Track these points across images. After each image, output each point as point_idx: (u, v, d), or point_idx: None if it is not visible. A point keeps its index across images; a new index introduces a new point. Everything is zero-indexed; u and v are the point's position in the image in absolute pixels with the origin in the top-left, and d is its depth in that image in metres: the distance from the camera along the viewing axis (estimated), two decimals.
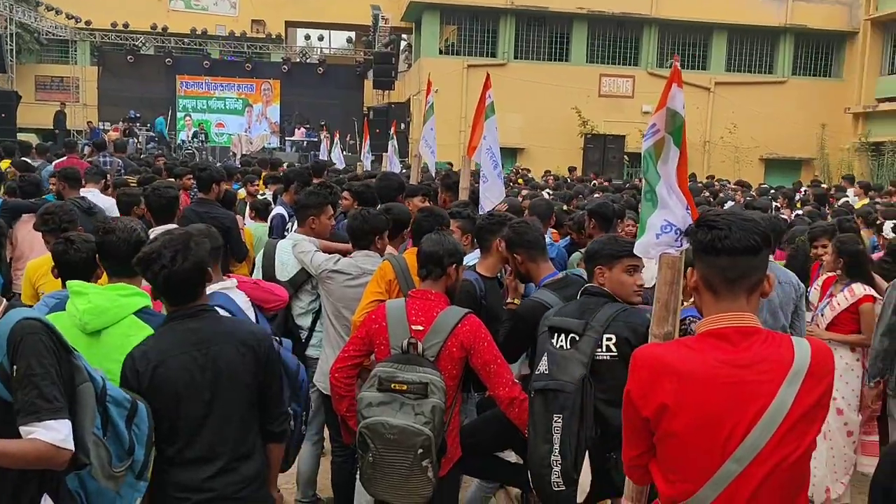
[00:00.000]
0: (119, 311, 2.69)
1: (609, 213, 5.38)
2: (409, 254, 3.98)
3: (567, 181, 15.85)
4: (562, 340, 3.03)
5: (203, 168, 6.61)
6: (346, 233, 4.33)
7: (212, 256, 3.08)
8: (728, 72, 26.56)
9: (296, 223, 4.94)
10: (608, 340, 2.96)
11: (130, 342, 2.59)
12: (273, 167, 11.96)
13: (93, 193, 6.98)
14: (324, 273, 4.11)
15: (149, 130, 24.82)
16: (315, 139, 24.33)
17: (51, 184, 7.94)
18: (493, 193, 5.40)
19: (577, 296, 3.23)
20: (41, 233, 4.69)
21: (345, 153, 18.22)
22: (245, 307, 3.35)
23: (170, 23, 27.95)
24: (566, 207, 7.62)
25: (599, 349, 2.96)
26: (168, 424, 2.52)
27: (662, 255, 2.64)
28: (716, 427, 1.91)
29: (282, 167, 11.90)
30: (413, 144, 21.64)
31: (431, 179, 8.36)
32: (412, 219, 4.34)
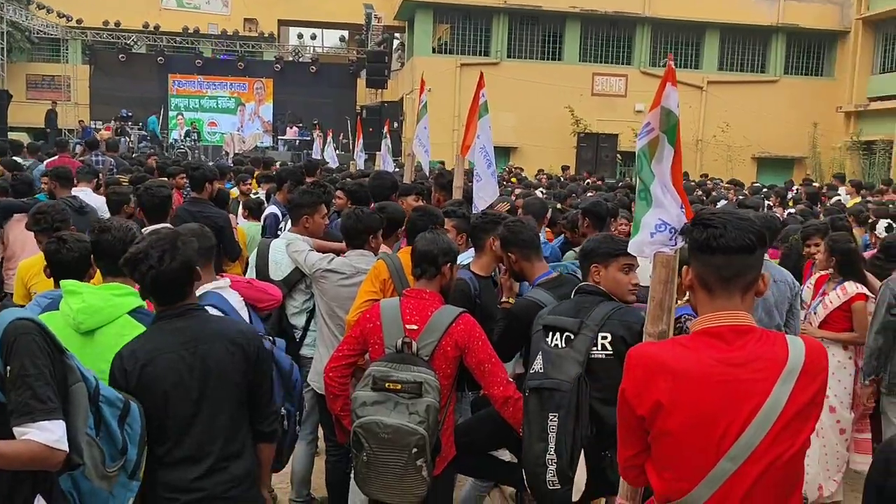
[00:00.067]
0: (113, 311, 2.69)
1: (603, 212, 5.40)
2: (404, 253, 3.97)
3: (560, 180, 15.88)
4: (557, 339, 3.02)
5: (196, 167, 6.60)
6: (340, 232, 4.31)
7: (205, 256, 3.08)
8: (720, 71, 26.69)
9: (289, 222, 4.93)
10: (604, 339, 2.96)
11: (124, 342, 2.58)
12: (266, 166, 11.91)
13: (85, 192, 6.95)
14: (318, 272, 4.10)
15: (141, 129, 24.67)
16: (308, 138, 24.23)
17: (42, 183, 7.90)
18: (487, 192, 5.42)
19: (572, 294, 3.23)
20: (33, 232, 4.66)
21: (338, 152, 18.20)
22: (238, 307, 3.33)
23: (162, 21, 27.86)
24: (560, 206, 7.63)
25: (595, 348, 2.96)
26: (157, 424, 2.51)
27: (657, 254, 2.65)
28: (710, 425, 1.91)
29: (274, 166, 11.83)
30: (406, 143, 21.60)
31: (425, 178, 8.35)
32: (406, 218, 4.33)
